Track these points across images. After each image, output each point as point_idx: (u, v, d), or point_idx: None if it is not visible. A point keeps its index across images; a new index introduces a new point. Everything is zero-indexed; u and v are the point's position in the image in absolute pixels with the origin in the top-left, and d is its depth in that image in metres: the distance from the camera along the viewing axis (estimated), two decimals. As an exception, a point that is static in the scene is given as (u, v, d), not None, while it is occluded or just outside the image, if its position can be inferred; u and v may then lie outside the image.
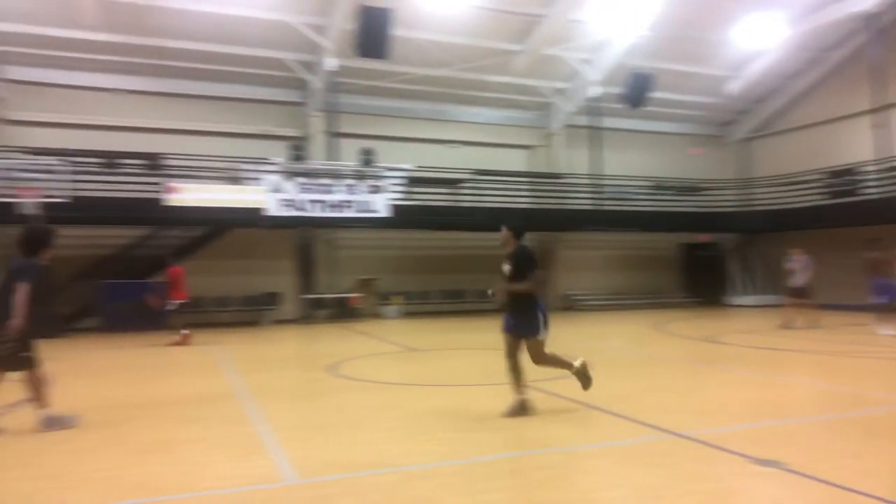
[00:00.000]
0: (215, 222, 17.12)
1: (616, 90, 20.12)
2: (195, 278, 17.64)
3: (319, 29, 17.65)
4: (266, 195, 16.50)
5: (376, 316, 19.52)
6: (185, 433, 5.84)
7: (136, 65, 17.87)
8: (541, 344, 6.14)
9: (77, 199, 15.00)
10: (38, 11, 15.79)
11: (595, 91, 20.91)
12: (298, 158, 18.29)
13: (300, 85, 19.42)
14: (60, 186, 14.90)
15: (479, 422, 5.98)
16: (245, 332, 16.17)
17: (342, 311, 18.84)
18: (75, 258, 16.38)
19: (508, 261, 6.14)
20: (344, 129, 19.12)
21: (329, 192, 17.20)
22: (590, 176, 21.63)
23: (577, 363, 6.36)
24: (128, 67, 17.93)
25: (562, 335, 14.67)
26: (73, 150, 16.23)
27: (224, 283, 18.27)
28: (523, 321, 6.09)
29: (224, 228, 17.57)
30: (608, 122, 21.84)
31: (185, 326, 13.26)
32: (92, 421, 6.38)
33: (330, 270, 19.43)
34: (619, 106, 20.64)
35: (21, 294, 5.74)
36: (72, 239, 16.83)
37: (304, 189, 16.95)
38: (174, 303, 13.31)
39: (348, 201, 17.31)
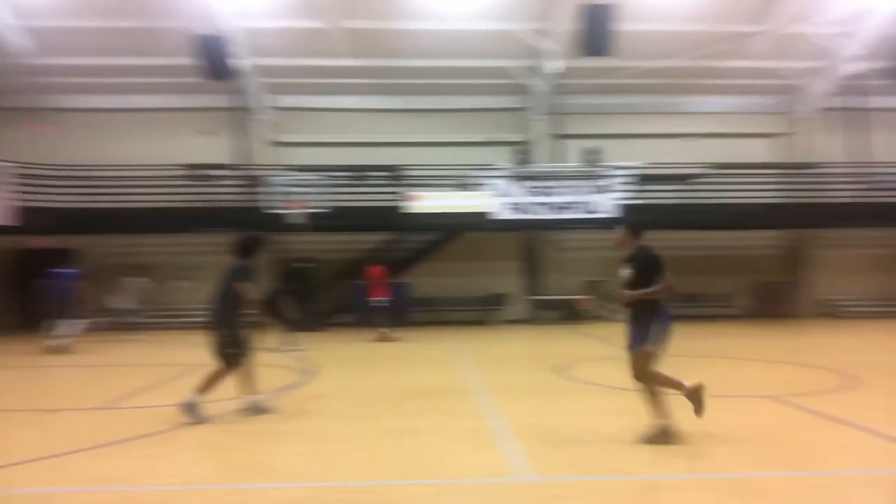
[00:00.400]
0: (447, 227, 18.18)
1: (882, 64, 17.38)
2: (430, 280, 19.05)
3: (541, 33, 17.84)
4: (493, 200, 17.12)
5: (603, 318, 19.16)
6: (428, 423, 6.29)
7: (378, 85, 19.68)
8: (647, 356, 5.43)
9: (334, 208, 16.98)
10: (300, 46, 18.14)
11: (854, 67, 18.29)
12: (523, 162, 18.68)
13: (523, 90, 19.79)
14: (320, 198, 16.93)
15: (714, 437, 5.57)
16: (475, 332, 16.90)
17: (569, 313, 18.79)
18: (334, 261, 18.57)
19: (628, 264, 5.58)
20: (568, 131, 19.04)
21: (554, 194, 17.31)
22: (852, 164, 18.97)
23: (690, 384, 5.49)
24: (372, 88, 19.81)
25: (823, 345, 13.12)
26: (330, 165, 18.37)
27: (455, 284, 19.31)
28: (636, 330, 5.48)
29: (455, 232, 18.58)
30: (874, 101, 18.95)
31: (389, 325, 14.37)
32: (347, 406, 7.18)
33: (556, 272, 19.51)
34: (888, 82, 17.79)
35: (248, 291, 6.47)
36: (331, 244, 19.21)
37: (530, 192, 17.27)
38: (379, 301, 14.61)
39: (573, 202, 17.25)
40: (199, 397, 6.43)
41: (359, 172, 18.33)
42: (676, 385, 5.44)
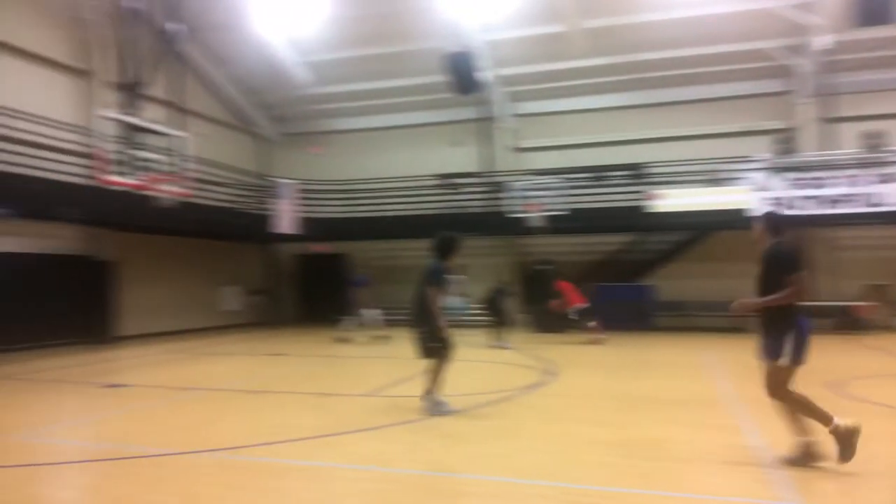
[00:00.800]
0: (696, 226, 17.02)
1: None
2: (676, 282, 17.98)
3: (804, 7, 15.84)
4: (750, 195, 15.59)
5: (891, 328, 16.36)
6: (674, 434, 5.95)
7: (619, 82, 19.16)
8: (783, 372, 4.76)
9: (572, 210, 16.94)
10: (539, 52, 18.45)
11: None
12: (786, 152, 16.75)
13: (784, 73, 17.75)
14: (559, 201, 16.99)
15: None
16: (729, 339, 15.56)
17: (846, 321, 16.36)
18: (574, 263, 18.52)
19: (761, 263, 4.73)
20: (842, 113, 16.65)
21: (825, 185, 15.23)
22: None
23: (842, 422, 4.53)
24: (612, 86, 19.36)
25: None
26: (568, 167, 18.35)
27: (705, 287, 17.96)
28: (769, 341, 4.80)
29: (706, 232, 17.31)
30: None
31: (595, 326, 14.00)
32: (589, 410, 7.08)
33: (830, 274, 17.11)
34: None
35: (433, 296, 6.67)
36: (569, 246, 19.19)
37: (794, 185, 15.41)
38: (574, 308, 14.24)
39: (851, 195, 15.00)
40: (434, 395, 6.82)
41: (599, 173, 18.03)
42: (824, 418, 4.72)
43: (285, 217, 17.10)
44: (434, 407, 6.79)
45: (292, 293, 22.06)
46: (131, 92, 12.30)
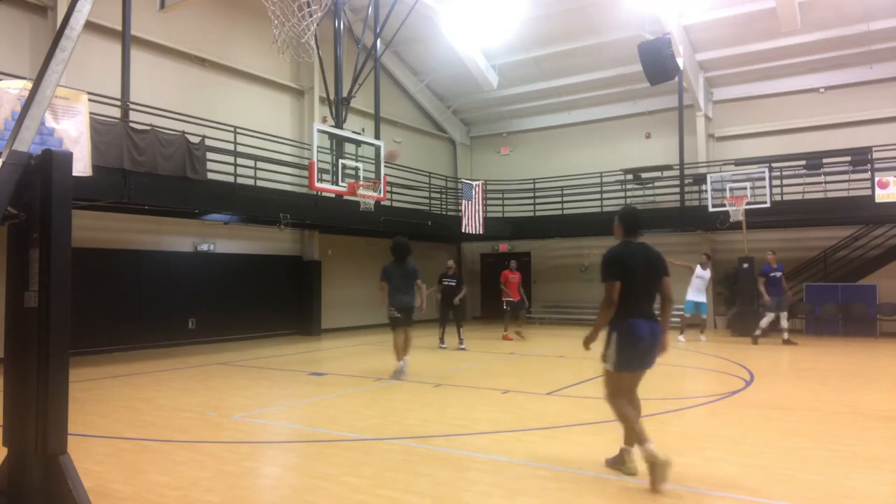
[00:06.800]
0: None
1: None
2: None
3: None
4: None
5: None
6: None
7: (835, 59, 17.10)
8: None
9: (774, 203, 15.40)
10: (741, 33, 17.06)
11: None
12: None
13: None
14: (765, 192, 15.52)
15: None
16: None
17: None
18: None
19: None
20: None
21: None
22: None
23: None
24: (826, 64, 17.32)
25: None
26: (773, 156, 16.72)
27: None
28: None
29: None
30: None
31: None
32: (793, 420, 6.39)
33: None
34: None
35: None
36: (776, 242, 17.45)
37: None
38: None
39: None
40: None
41: (810, 160, 16.17)
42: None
43: (472, 217, 17.61)
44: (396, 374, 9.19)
45: (476, 291, 22.66)
46: (339, 105, 13.46)
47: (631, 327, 4.59)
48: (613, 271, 4.65)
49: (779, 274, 13.64)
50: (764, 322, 13.64)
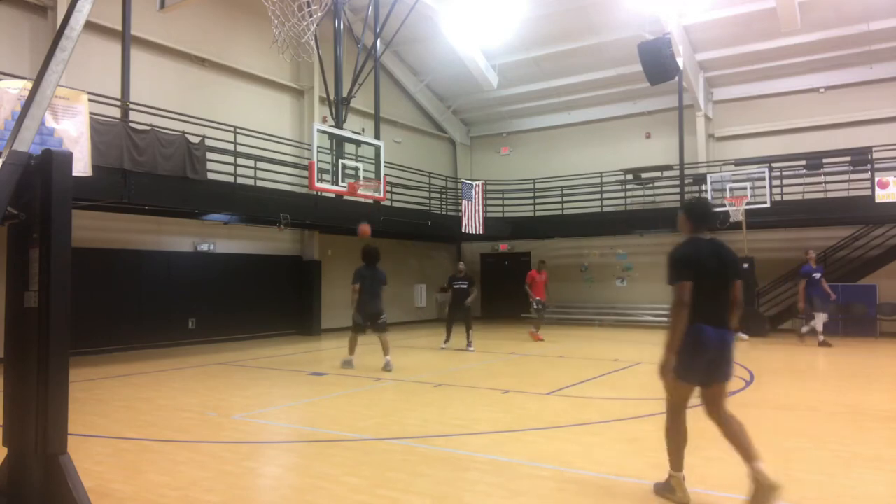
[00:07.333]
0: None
1: None
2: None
3: None
4: None
5: None
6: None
7: (835, 59, 17.09)
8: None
9: (774, 203, 15.40)
10: (741, 33, 17.06)
11: None
12: None
13: None
14: (765, 192, 15.52)
15: None
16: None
17: None
18: (775, 261, 16.86)
19: None
20: None
21: None
22: None
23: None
24: (826, 64, 17.31)
25: None
26: (773, 156, 16.71)
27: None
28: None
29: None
30: None
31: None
32: (793, 421, 6.39)
33: None
34: None
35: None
36: (775, 242, 17.49)
37: None
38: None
39: None
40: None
41: (809, 160, 16.16)
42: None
43: (472, 217, 17.60)
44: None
45: (477, 290, 22.65)
46: (339, 105, 13.45)
47: (697, 334, 4.07)
48: (683, 271, 4.11)
49: (819, 275, 13.37)
50: (819, 324, 13.32)
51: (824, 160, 16.12)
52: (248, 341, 14.98)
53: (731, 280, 4.22)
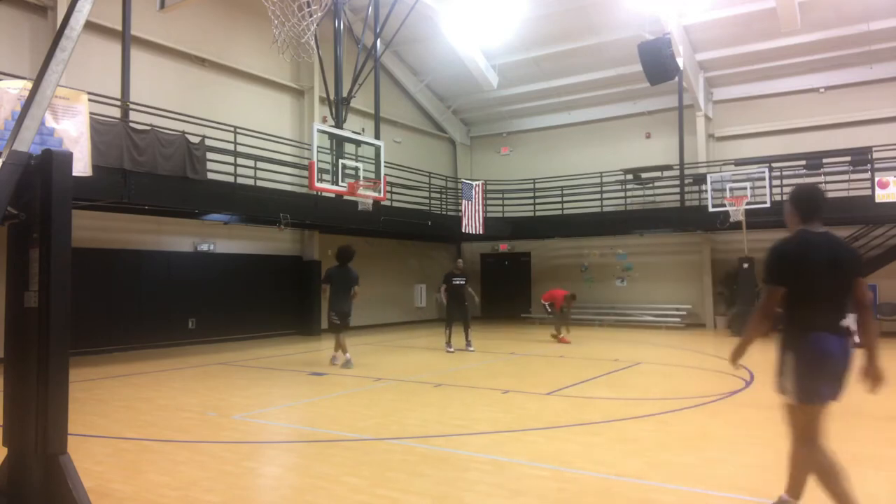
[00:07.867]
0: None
1: None
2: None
3: None
4: None
5: None
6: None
7: (835, 59, 17.09)
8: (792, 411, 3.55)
9: (774, 203, 15.41)
10: (741, 33, 17.05)
11: None
12: None
13: None
14: (765, 192, 15.52)
15: None
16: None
17: None
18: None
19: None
20: None
21: None
22: None
23: None
24: (826, 64, 17.31)
25: None
26: (773, 156, 16.71)
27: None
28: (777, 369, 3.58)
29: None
30: None
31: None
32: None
33: None
34: None
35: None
36: (772, 242, 17.46)
37: None
38: None
39: None
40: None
41: (809, 160, 16.15)
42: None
43: (472, 217, 17.60)
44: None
45: (476, 291, 22.66)
46: (339, 105, 13.44)
47: (815, 344, 3.46)
48: (780, 272, 3.50)
49: None
50: (852, 323, 13.23)
51: (824, 160, 16.11)
52: (248, 341, 14.98)
53: (851, 279, 3.57)
